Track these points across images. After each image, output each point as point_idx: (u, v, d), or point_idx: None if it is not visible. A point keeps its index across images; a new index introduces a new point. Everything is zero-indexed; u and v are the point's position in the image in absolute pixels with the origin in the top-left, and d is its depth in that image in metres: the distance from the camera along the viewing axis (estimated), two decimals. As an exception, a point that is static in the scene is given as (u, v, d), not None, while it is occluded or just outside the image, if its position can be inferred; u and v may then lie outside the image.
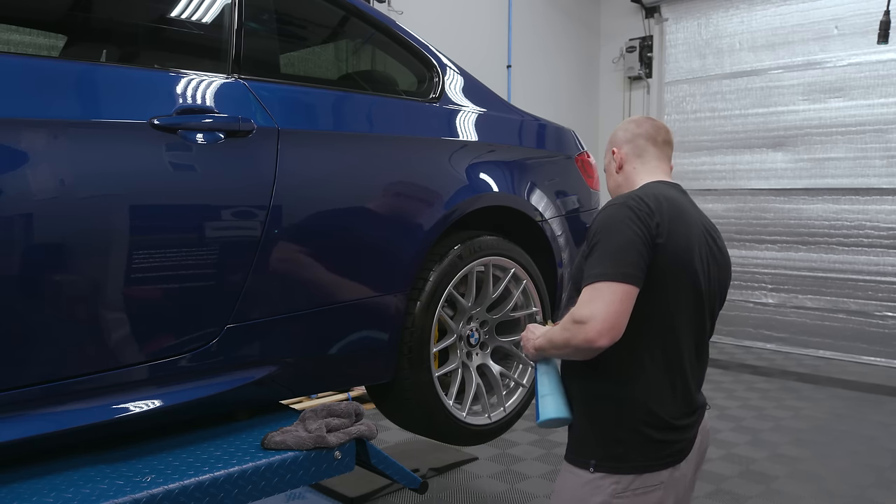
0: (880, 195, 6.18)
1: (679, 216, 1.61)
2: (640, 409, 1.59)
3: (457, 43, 5.34)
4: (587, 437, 1.65)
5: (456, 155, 2.42)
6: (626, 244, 1.51)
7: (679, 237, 1.58)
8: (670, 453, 1.62)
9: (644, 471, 1.58)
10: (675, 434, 1.62)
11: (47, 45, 2.34)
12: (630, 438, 1.59)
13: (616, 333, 1.49)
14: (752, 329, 6.93)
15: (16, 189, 1.48)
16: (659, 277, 1.55)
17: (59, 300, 1.56)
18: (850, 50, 6.23)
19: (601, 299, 1.49)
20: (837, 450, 4.01)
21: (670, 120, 7.41)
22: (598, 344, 1.48)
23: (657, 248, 1.54)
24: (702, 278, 1.63)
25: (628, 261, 1.50)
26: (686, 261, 1.59)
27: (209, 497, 1.57)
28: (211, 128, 1.78)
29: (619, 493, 1.57)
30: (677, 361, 1.62)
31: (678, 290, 1.59)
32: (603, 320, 1.47)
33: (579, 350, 1.54)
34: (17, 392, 1.51)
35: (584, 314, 1.50)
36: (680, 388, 1.63)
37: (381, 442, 3.87)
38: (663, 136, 1.80)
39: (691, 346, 1.65)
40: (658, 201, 1.59)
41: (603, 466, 1.59)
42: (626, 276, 1.49)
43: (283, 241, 1.89)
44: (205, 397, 1.78)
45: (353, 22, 2.47)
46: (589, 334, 1.48)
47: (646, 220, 1.54)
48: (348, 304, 2.05)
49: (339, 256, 2.04)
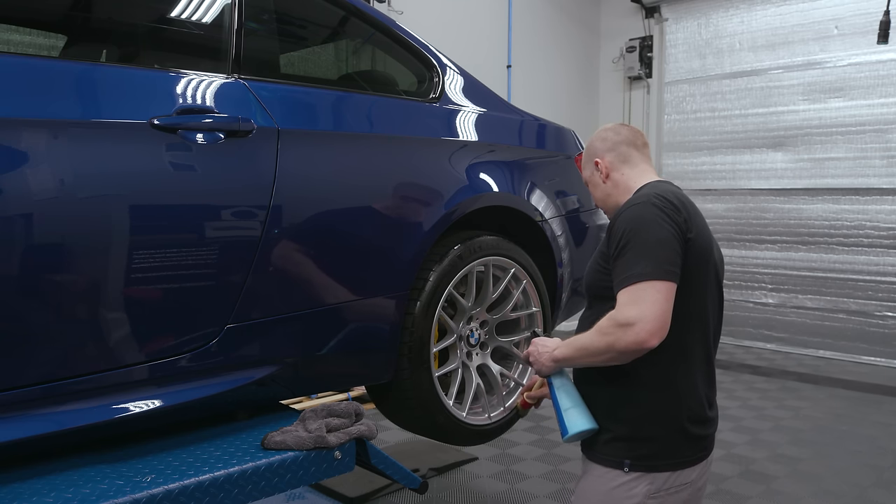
0: (880, 195, 6.18)
1: (696, 211, 1.64)
2: (679, 405, 1.59)
3: (457, 43, 5.34)
4: (620, 438, 1.62)
5: (456, 155, 2.42)
6: (663, 241, 1.51)
7: (702, 231, 1.61)
8: (702, 447, 1.64)
9: (678, 467, 1.59)
10: (707, 428, 1.65)
11: (47, 45, 2.34)
12: (667, 436, 1.59)
13: (665, 332, 1.49)
14: (752, 329, 6.93)
15: (16, 189, 1.48)
16: (693, 273, 1.57)
17: (59, 300, 1.56)
18: (850, 50, 6.23)
19: (647, 299, 1.48)
20: (837, 450, 4.01)
21: (670, 120, 7.41)
22: (649, 344, 1.47)
23: (688, 242, 1.55)
24: (720, 269, 1.68)
25: (667, 258, 1.50)
26: (709, 254, 1.62)
27: (209, 497, 1.56)
28: (211, 128, 1.78)
29: (653, 494, 1.57)
30: (706, 354, 1.65)
31: (707, 284, 1.62)
32: (654, 320, 1.46)
33: (625, 353, 1.51)
34: (18, 392, 1.51)
35: (632, 315, 1.47)
36: (708, 380, 1.66)
37: (381, 442, 3.87)
38: (641, 139, 1.81)
39: (713, 340, 1.69)
40: (678, 198, 1.60)
41: (638, 466, 1.58)
42: (668, 274, 1.49)
43: (282, 241, 1.89)
44: (205, 397, 1.78)
45: (353, 22, 2.47)
46: (640, 335, 1.47)
47: (674, 217, 1.54)
48: (348, 304, 2.05)
49: (339, 256, 2.04)
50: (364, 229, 2.10)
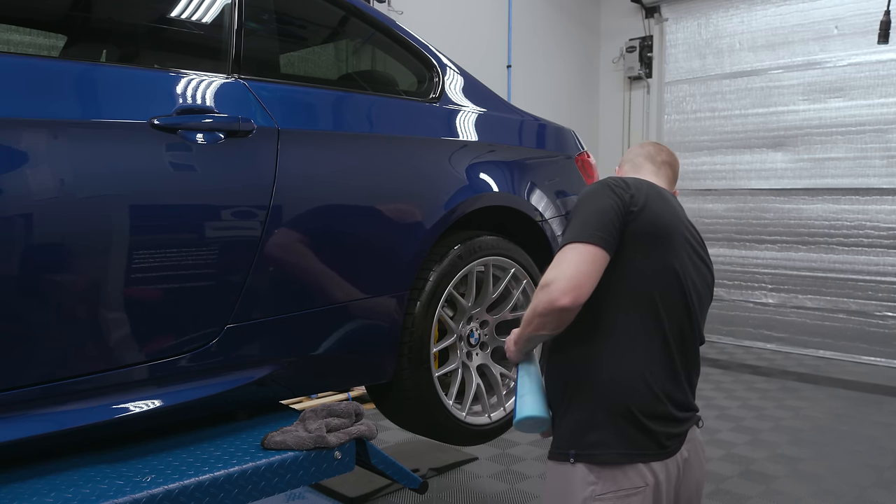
0: (880, 195, 6.18)
1: (660, 199, 1.60)
2: (618, 391, 1.52)
3: (457, 43, 5.34)
4: (566, 427, 1.58)
5: (456, 155, 2.42)
6: (597, 210, 1.50)
7: (657, 212, 1.55)
8: (660, 444, 1.53)
9: (625, 462, 1.50)
10: (668, 426, 1.55)
11: (47, 45, 2.34)
12: (608, 422, 1.51)
13: (579, 293, 1.44)
14: (752, 329, 6.93)
15: (16, 189, 1.48)
16: (637, 247, 1.52)
17: (59, 300, 1.56)
18: (850, 50, 6.23)
19: (565, 260, 1.47)
20: (837, 450, 4.01)
21: (670, 120, 7.42)
22: (559, 303, 1.43)
23: (630, 215, 1.52)
24: (688, 265, 1.60)
25: (596, 224, 1.48)
26: (664, 236, 1.56)
27: (209, 497, 1.56)
28: (211, 128, 1.78)
29: (601, 496, 1.49)
30: (658, 344, 1.55)
31: (656, 265, 1.55)
32: (567, 279, 1.43)
33: (544, 316, 1.48)
34: (18, 392, 1.51)
35: (549, 276, 1.47)
36: (670, 375, 1.56)
37: (381, 442, 3.87)
38: (663, 157, 1.82)
39: (676, 336, 1.58)
40: (638, 182, 1.59)
41: (582, 457, 1.52)
42: (592, 237, 1.46)
43: (282, 241, 1.89)
44: (205, 397, 1.78)
45: (353, 22, 2.47)
46: (552, 293, 1.44)
47: (620, 193, 1.53)
48: (348, 304, 2.05)
49: (339, 256, 2.04)
50: (364, 229, 2.10)
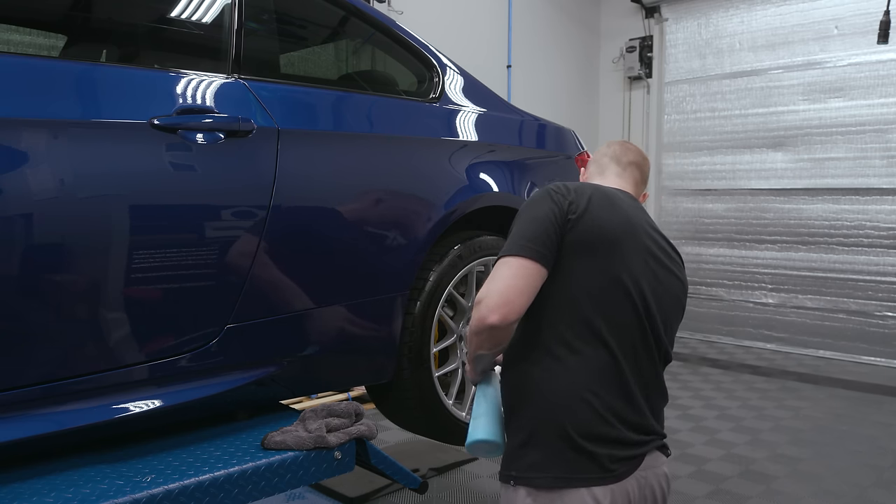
0: (880, 195, 6.18)
1: (608, 204, 1.49)
2: (553, 408, 1.43)
3: (457, 43, 5.34)
4: (509, 448, 1.50)
5: (456, 155, 2.42)
6: (533, 219, 1.44)
7: (601, 219, 1.46)
8: (604, 468, 1.41)
9: (562, 486, 1.39)
10: (601, 446, 1.42)
11: (47, 45, 2.34)
12: (545, 443, 1.42)
13: (509, 310, 1.36)
14: (752, 329, 6.93)
15: (16, 189, 1.48)
16: (577, 257, 1.43)
17: (59, 300, 1.56)
18: (850, 50, 6.23)
19: (496, 276, 1.40)
20: (837, 450, 4.01)
21: (670, 120, 7.41)
22: (489, 321, 1.36)
23: (568, 223, 1.43)
24: (644, 275, 1.48)
25: (531, 235, 1.41)
26: (609, 245, 1.45)
27: (209, 497, 1.56)
28: (211, 128, 1.78)
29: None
30: (603, 362, 1.44)
31: (600, 276, 1.44)
32: (495, 295, 1.36)
33: (479, 334, 1.41)
34: (18, 392, 1.51)
35: (481, 293, 1.39)
36: (608, 394, 1.44)
37: (381, 442, 3.87)
38: (630, 157, 1.75)
39: (628, 352, 1.47)
40: (581, 187, 1.51)
41: (521, 479, 1.43)
42: (523, 249, 1.39)
43: (282, 241, 1.89)
44: (205, 397, 1.78)
45: (353, 22, 2.47)
46: (481, 311, 1.37)
47: (558, 200, 1.46)
48: (348, 304, 2.05)
49: (339, 256, 2.04)
50: (364, 229, 2.10)
